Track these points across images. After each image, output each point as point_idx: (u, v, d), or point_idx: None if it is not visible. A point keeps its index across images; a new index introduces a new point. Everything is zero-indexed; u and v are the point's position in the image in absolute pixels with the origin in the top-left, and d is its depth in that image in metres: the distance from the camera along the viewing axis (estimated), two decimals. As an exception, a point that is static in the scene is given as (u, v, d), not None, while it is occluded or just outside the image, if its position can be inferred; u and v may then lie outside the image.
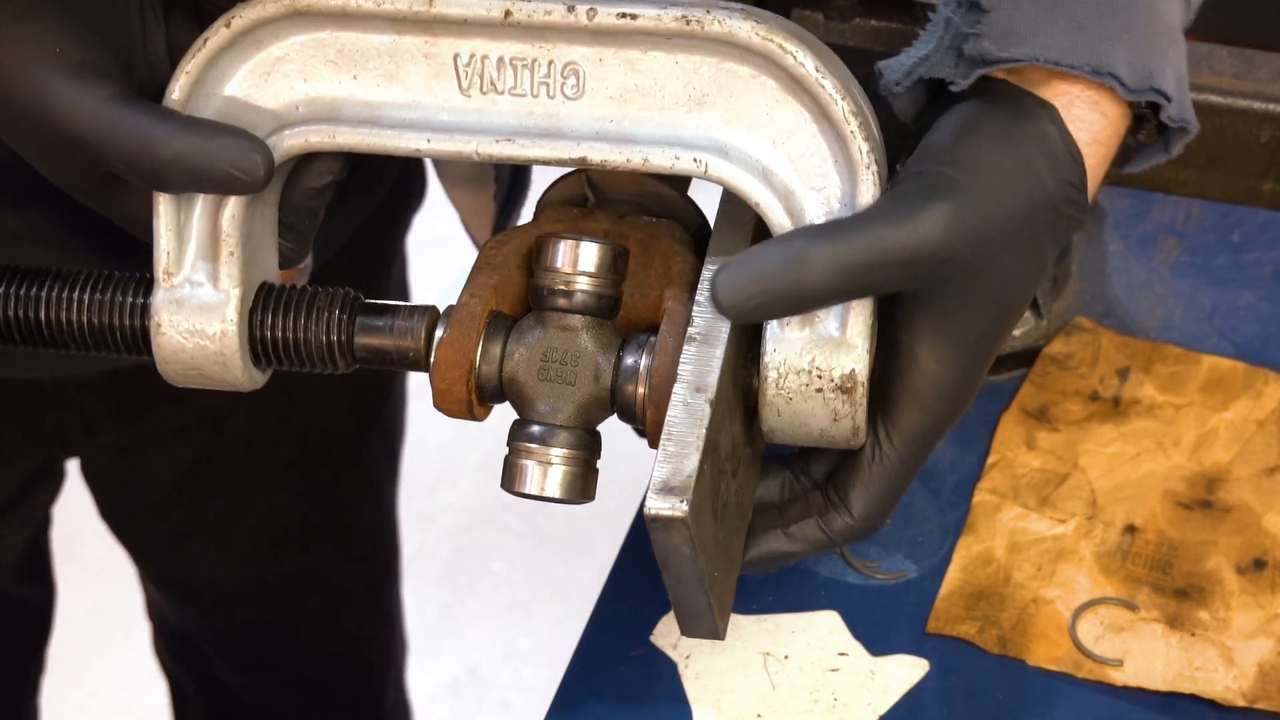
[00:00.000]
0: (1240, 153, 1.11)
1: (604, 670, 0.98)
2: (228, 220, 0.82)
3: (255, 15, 0.80)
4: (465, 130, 0.80)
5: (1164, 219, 1.27)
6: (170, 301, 0.83)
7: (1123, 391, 1.13)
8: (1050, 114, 0.80)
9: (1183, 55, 0.83)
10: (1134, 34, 0.80)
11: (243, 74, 0.81)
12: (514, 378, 0.82)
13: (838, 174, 0.78)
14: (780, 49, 0.76)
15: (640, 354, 0.81)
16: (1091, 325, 1.17)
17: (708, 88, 0.78)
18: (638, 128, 0.79)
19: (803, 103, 0.78)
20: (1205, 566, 1.03)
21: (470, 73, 0.80)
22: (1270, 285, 1.21)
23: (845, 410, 0.79)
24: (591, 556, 2.56)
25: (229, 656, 1.55)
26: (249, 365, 0.85)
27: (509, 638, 2.52)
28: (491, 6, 0.78)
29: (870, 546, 1.05)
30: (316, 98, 0.81)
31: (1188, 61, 1.12)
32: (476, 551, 2.63)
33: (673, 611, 0.80)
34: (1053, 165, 0.79)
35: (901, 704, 0.96)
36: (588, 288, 0.82)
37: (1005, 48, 0.79)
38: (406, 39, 0.80)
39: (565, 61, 0.79)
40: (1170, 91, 0.81)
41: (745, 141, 0.78)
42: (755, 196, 0.78)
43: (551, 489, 0.82)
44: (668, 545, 0.75)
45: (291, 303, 0.85)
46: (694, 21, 0.76)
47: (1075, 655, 0.99)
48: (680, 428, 0.76)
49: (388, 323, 0.84)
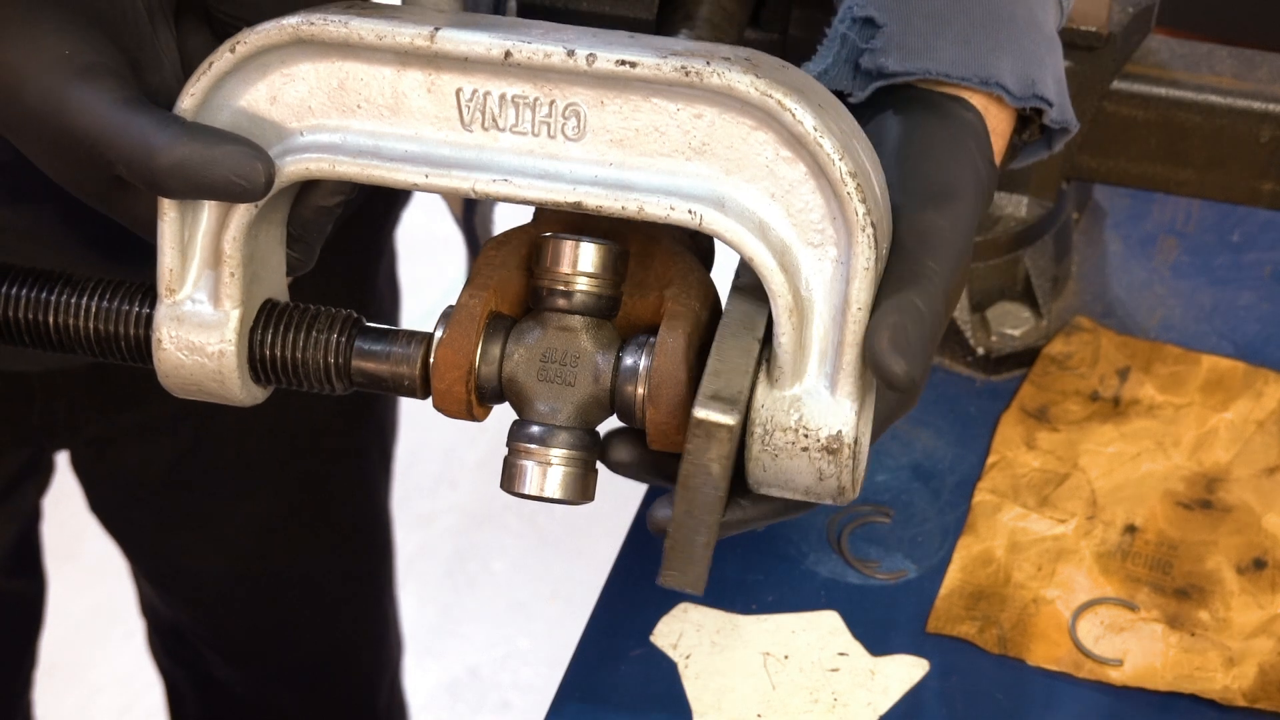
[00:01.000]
0: (1240, 153, 1.11)
1: (604, 670, 0.98)
2: (229, 242, 0.82)
3: (260, 41, 0.80)
4: (464, 166, 0.80)
5: (1164, 219, 1.27)
6: (171, 317, 0.83)
7: (1123, 391, 1.13)
8: (963, 104, 0.85)
9: (1059, 59, 0.88)
10: (1016, 45, 0.85)
11: (247, 98, 0.81)
12: (513, 378, 0.82)
13: (835, 231, 0.78)
14: (779, 105, 0.76)
15: (640, 354, 0.81)
16: (1091, 325, 1.17)
17: (707, 137, 0.78)
18: (636, 174, 0.79)
19: (801, 158, 0.77)
20: (1205, 566, 1.03)
21: (472, 108, 0.79)
22: (1270, 285, 1.21)
23: (830, 470, 0.79)
24: (591, 556, 2.56)
25: (221, 651, 1.55)
26: (248, 382, 0.85)
27: (509, 638, 2.52)
28: (492, 46, 0.78)
29: (870, 546, 1.05)
30: (319, 125, 0.81)
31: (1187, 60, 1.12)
32: (476, 551, 2.63)
33: (664, 555, 0.78)
34: (981, 149, 0.84)
35: (901, 704, 0.96)
36: (587, 288, 0.82)
37: (900, 62, 0.84)
38: (410, 72, 0.79)
39: (567, 102, 0.79)
40: (1051, 96, 0.86)
41: (743, 193, 0.78)
42: (749, 251, 0.78)
43: (551, 489, 0.82)
44: (701, 459, 0.75)
45: (292, 323, 0.85)
46: (693, 73, 0.76)
47: (1075, 655, 0.99)
48: (732, 352, 0.77)
49: (385, 349, 0.85)
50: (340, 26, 0.78)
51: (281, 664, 1.57)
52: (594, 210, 0.78)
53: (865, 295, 0.77)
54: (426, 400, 0.85)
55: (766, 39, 1.07)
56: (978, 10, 0.85)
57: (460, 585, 2.59)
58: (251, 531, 1.44)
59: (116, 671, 2.46)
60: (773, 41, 1.07)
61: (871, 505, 1.06)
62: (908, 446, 1.10)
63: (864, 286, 0.77)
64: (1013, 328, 1.16)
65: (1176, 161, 1.12)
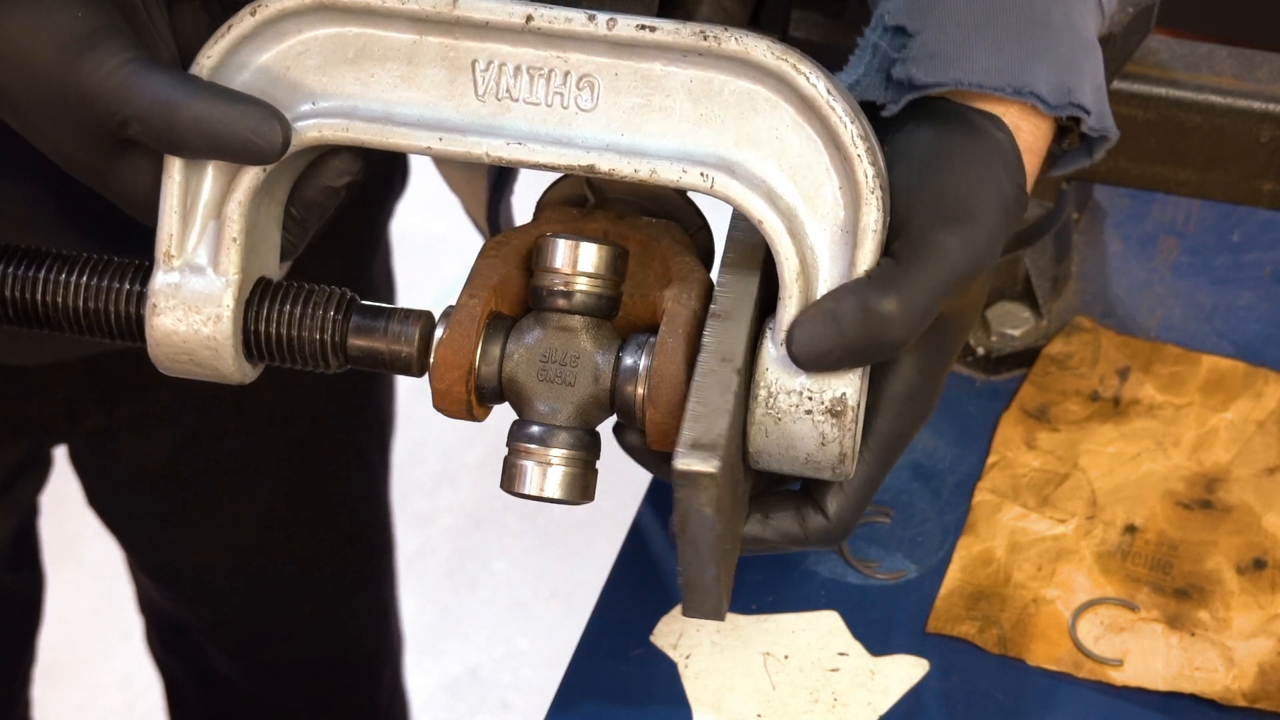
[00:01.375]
0: (1240, 153, 1.11)
1: (604, 670, 0.98)
2: (234, 207, 0.82)
3: (281, 5, 0.80)
4: (477, 132, 0.80)
5: (1164, 219, 1.27)
6: (169, 283, 0.83)
7: (1123, 391, 1.13)
8: (996, 122, 0.83)
9: (1099, 65, 0.86)
10: (1053, 52, 0.83)
11: (263, 62, 0.82)
12: (513, 378, 0.82)
13: (842, 198, 0.79)
14: (794, 69, 0.77)
15: (640, 354, 0.82)
16: (1091, 325, 1.17)
17: (720, 105, 0.79)
18: (648, 141, 0.80)
19: (812, 125, 0.78)
20: (1205, 566, 1.03)
21: (487, 79, 0.80)
22: (1270, 285, 1.21)
23: (833, 434, 0.80)
24: (591, 556, 2.56)
25: (221, 644, 1.56)
26: (240, 358, 0.85)
27: (509, 638, 2.52)
28: (514, 11, 0.78)
29: (870, 546, 1.05)
30: (334, 92, 0.82)
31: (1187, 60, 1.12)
32: (476, 551, 2.63)
33: (681, 591, 0.80)
34: (1008, 170, 0.82)
35: (901, 704, 0.96)
36: (587, 288, 0.82)
37: (931, 73, 0.82)
38: (428, 39, 0.80)
39: (581, 73, 0.80)
40: (1089, 105, 0.84)
41: (753, 161, 0.79)
42: (759, 215, 0.78)
43: (551, 489, 0.82)
44: (691, 505, 0.75)
45: (287, 298, 0.85)
46: (711, 37, 0.77)
47: (1075, 655, 0.99)
48: (709, 392, 0.77)
49: (382, 325, 0.85)
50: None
51: (282, 658, 1.57)
52: (607, 174, 0.79)
53: (871, 258, 0.78)
54: (423, 379, 0.85)
55: (766, 39, 1.07)
56: (1013, 16, 0.83)
57: (460, 585, 2.59)
58: (250, 525, 1.44)
59: (116, 671, 2.46)
60: (773, 41, 1.07)
61: (871, 505, 1.06)
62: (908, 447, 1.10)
63: (871, 249, 0.78)
64: (1013, 328, 1.16)
65: (1176, 161, 1.12)
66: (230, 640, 1.56)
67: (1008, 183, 0.82)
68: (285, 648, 1.57)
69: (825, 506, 0.84)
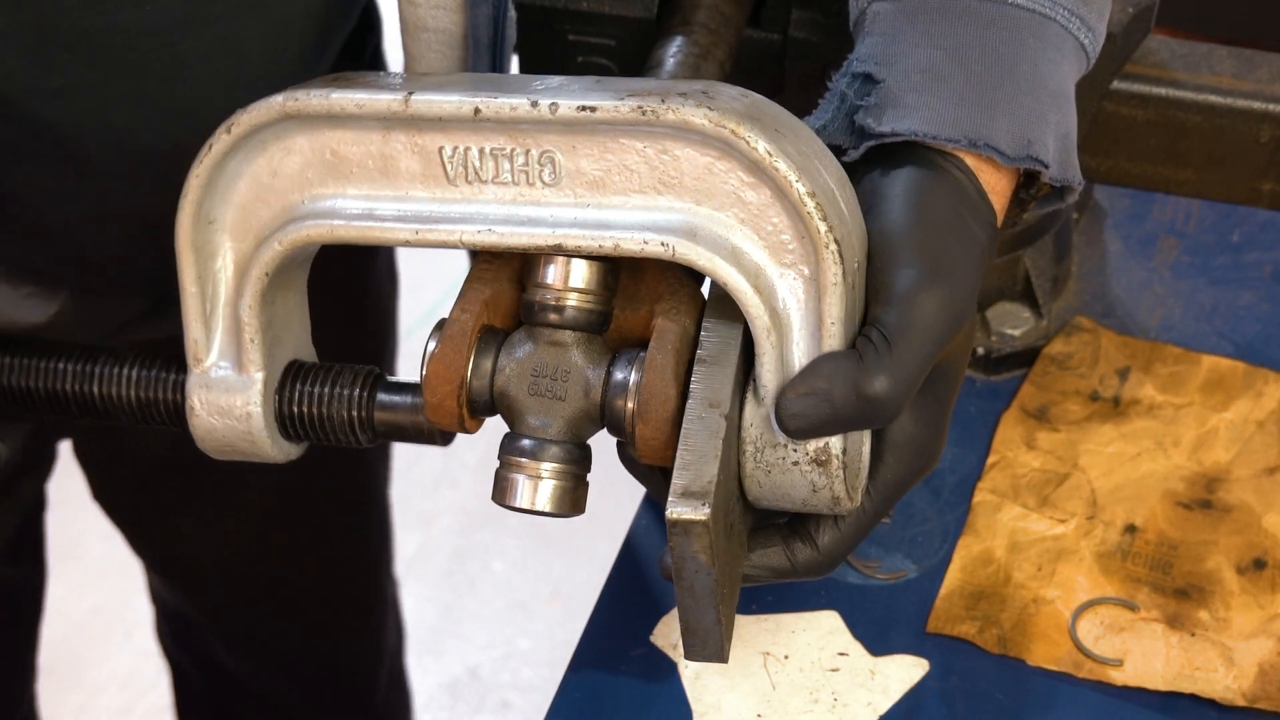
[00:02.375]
0: (1240, 153, 1.11)
1: (604, 670, 0.98)
2: (246, 310, 0.87)
3: (252, 120, 0.84)
4: (450, 220, 0.83)
5: (1164, 219, 1.27)
6: (201, 385, 0.88)
7: (1123, 391, 1.13)
8: (958, 164, 0.83)
9: (1070, 115, 0.86)
10: (1015, 104, 0.83)
11: (251, 174, 0.85)
12: (505, 392, 0.83)
13: (804, 249, 0.79)
14: (733, 134, 0.78)
15: (630, 369, 0.82)
16: (1091, 325, 1.17)
17: (675, 170, 0.80)
18: (612, 212, 0.81)
19: (764, 183, 0.79)
20: (1205, 566, 1.03)
21: (455, 164, 0.83)
22: (1270, 285, 1.21)
23: (823, 482, 0.81)
24: (591, 556, 2.56)
25: (223, 636, 1.56)
26: (278, 440, 0.90)
27: (509, 638, 2.52)
28: (462, 104, 0.81)
29: (870, 546, 1.05)
30: (318, 194, 0.85)
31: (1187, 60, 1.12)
32: (476, 551, 2.63)
33: (680, 635, 0.81)
34: (975, 215, 0.83)
35: (901, 704, 0.96)
36: (578, 304, 0.83)
37: (889, 121, 0.83)
38: (395, 135, 0.83)
39: (541, 150, 0.81)
40: (1048, 158, 0.84)
41: (715, 221, 0.80)
42: (723, 276, 0.80)
43: (542, 503, 0.83)
44: (686, 553, 0.76)
45: (315, 380, 0.89)
46: (649, 111, 0.79)
47: (1075, 655, 0.99)
48: (697, 439, 0.78)
49: (404, 400, 0.89)
50: (322, 99, 0.82)
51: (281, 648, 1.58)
52: (574, 251, 0.81)
53: (837, 309, 0.79)
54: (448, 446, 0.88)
55: (766, 39, 1.07)
56: (977, 66, 0.83)
57: (460, 585, 2.59)
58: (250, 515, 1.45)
59: (116, 671, 2.46)
60: (772, 41, 1.07)
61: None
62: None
63: (834, 301, 0.79)
64: (1013, 328, 1.16)
65: (1176, 161, 1.12)
66: (231, 632, 1.57)
67: (978, 228, 0.82)
68: (285, 640, 1.58)
69: (817, 539, 0.85)
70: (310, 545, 1.50)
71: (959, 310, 0.81)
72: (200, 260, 0.86)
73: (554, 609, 2.55)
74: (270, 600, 1.54)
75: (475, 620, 2.54)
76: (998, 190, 0.85)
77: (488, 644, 2.51)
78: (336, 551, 1.54)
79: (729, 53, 1.02)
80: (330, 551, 1.53)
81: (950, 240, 0.81)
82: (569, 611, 2.53)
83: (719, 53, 1.01)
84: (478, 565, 2.62)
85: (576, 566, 2.58)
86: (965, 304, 0.81)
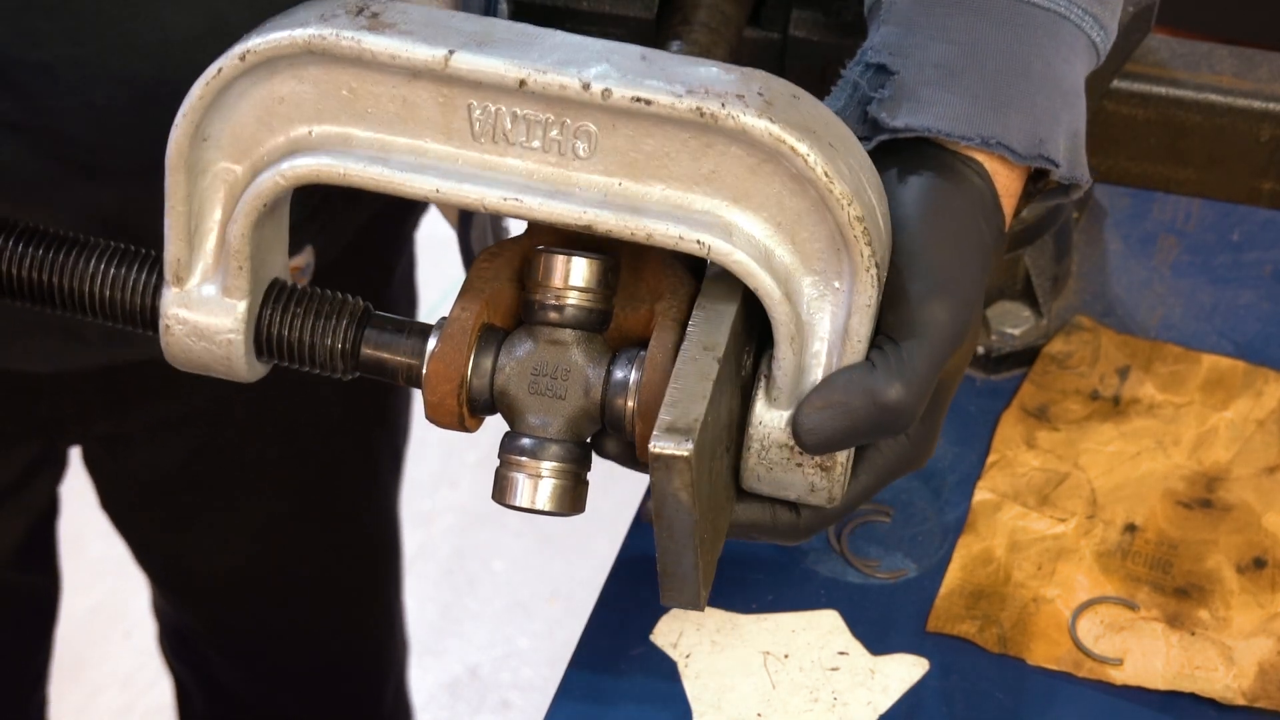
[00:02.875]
0: (1240, 152, 1.11)
1: (604, 670, 0.98)
2: (237, 238, 0.83)
3: (270, 51, 0.80)
4: (474, 181, 0.80)
5: (1164, 219, 1.27)
6: (179, 304, 0.84)
7: (1123, 391, 1.13)
8: (977, 168, 0.83)
9: (1081, 113, 0.87)
10: (1028, 102, 0.83)
11: (257, 96, 0.81)
12: (505, 391, 0.83)
13: (838, 261, 0.79)
14: (792, 151, 0.77)
15: (630, 368, 0.82)
16: (1091, 324, 1.17)
17: (716, 166, 0.78)
18: (644, 199, 0.79)
19: (809, 198, 0.78)
20: (1205, 566, 1.03)
21: (483, 122, 0.79)
22: (1270, 285, 1.21)
23: (823, 484, 0.82)
24: (591, 556, 2.56)
25: (223, 651, 1.55)
26: (253, 360, 0.86)
27: (509, 638, 2.51)
28: (507, 72, 0.78)
29: (870, 546, 1.05)
30: (328, 130, 0.81)
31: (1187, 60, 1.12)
32: (476, 551, 2.63)
33: (659, 578, 0.80)
34: (988, 219, 0.83)
35: (901, 703, 0.96)
36: (578, 302, 0.82)
37: (903, 116, 0.83)
38: (421, 83, 0.79)
39: (578, 124, 0.79)
40: (1059, 157, 0.84)
41: (750, 222, 0.79)
42: (755, 280, 0.78)
43: (542, 502, 0.83)
44: (666, 490, 0.75)
45: (302, 305, 0.86)
46: (708, 114, 0.76)
47: (1075, 655, 0.99)
48: (688, 379, 0.77)
49: (394, 338, 0.85)
50: (353, 43, 0.78)
51: (285, 665, 1.57)
52: (604, 233, 0.79)
53: (865, 329, 0.79)
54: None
55: (766, 38, 1.07)
56: (992, 64, 0.83)
57: (460, 585, 2.58)
58: (258, 531, 1.44)
59: (116, 671, 2.46)
60: (772, 41, 1.07)
61: (871, 505, 1.06)
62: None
63: (864, 321, 0.79)
64: (1013, 327, 1.16)
65: (1176, 161, 1.12)
66: (233, 647, 1.55)
67: (989, 233, 0.83)
68: (288, 655, 1.56)
69: (800, 509, 0.85)
70: (318, 562, 1.49)
71: (968, 317, 0.81)
72: (190, 178, 0.82)
73: (554, 609, 2.55)
74: (274, 616, 1.52)
75: (475, 620, 2.54)
76: (1010, 191, 0.85)
77: (488, 643, 2.51)
78: (344, 568, 1.52)
79: (729, 52, 1.02)
80: (337, 568, 1.52)
81: (963, 248, 0.82)
82: (569, 611, 2.53)
83: (719, 52, 1.01)
84: (477, 565, 2.61)
85: (576, 566, 2.58)
86: (973, 310, 0.82)
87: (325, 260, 1.16)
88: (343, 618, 1.55)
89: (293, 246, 1.16)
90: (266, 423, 1.36)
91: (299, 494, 1.43)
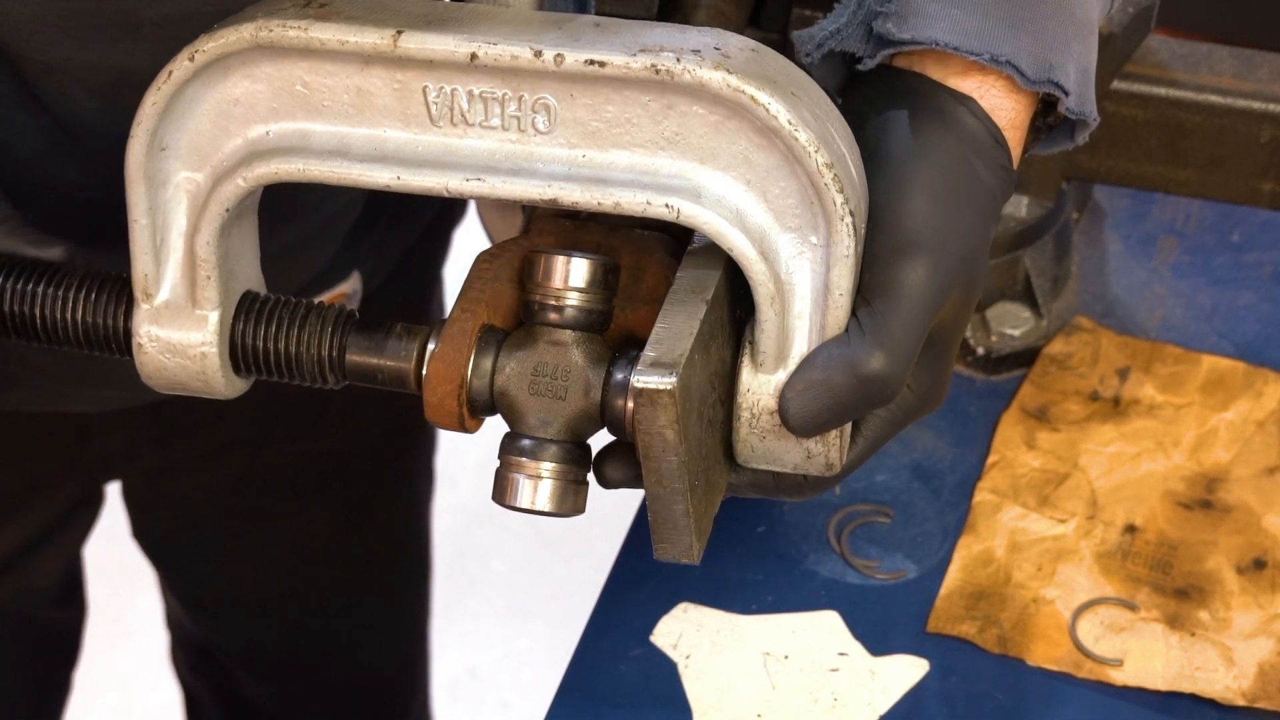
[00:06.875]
0: (1240, 153, 1.11)
1: (604, 670, 0.98)
2: (203, 247, 0.82)
3: (218, 49, 0.79)
4: (435, 166, 0.79)
5: (1164, 219, 1.27)
6: (149, 320, 0.83)
7: (1123, 391, 1.13)
8: (970, 106, 0.81)
9: (1092, 48, 0.84)
10: (1040, 25, 0.81)
11: (211, 103, 0.81)
12: (505, 391, 0.83)
13: (813, 215, 0.78)
14: (752, 101, 0.76)
15: (630, 369, 0.82)
16: (1091, 325, 1.17)
17: (679, 127, 0.77)
18: (609, 169, 0.78)
19: (775, 146, 0.77)
20: (1205, 566, 1.03)
21: (440, 105, 0.79)
22: (1270, 285, 1.21)
23: (818, 450, 0.80)
24: (591, 556, 2.56)
25: (251, 668, 1.53)
26: (230, 376, 0.85)
27: (509, 638, 2.51)
28: (457, 48, 0.77)
29: (870, 546, 1.05)
30: (285, 128, 0.81)
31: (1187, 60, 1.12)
32: (476, 551, 2.63)
33: (651, 531, 0.79)
34: (984, 158, 0.80)
35: (901, 704, 0.96)
36: (578, 303, 0.82)
37: (910, 29, 0.80)
38: (374, 70, 0.79)
39: (536, 97, 0.78)
40: (1069, 85, 0.82)
41: (718, 182, 0.78)
42: (729, 241, 0.77)
43: (542, 503, 0.82)
44: (653, 428, 0.75)
45: (280, 316, 0.84)
46: (663, 71, 0.75)
47: (1075, 655, 0.99)
48: (675, 319, 0.77)
49: (379, 342, 0.84)
50: (300, 34, 0.78)
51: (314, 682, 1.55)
52: (570, 206, 0.78)
53: (846, 281, 0.77)
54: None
55: (766, 38, 1.07)
56: None
57: (460, 585, 2.59)
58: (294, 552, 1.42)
59: (117, 673, 2.46)
60: (772, 41, 1.07)
61: (871, 505, 1.06)
62: (908, 446, 1.10)
63: (844, 273, 0.77)
64: (1013, 328, 1.16)
65: (1176, 161, 1.12)
66: (261, 664, 1.53)
67: (986, 173, 0.80)
68: (317, 672, 1.55)
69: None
70: (352, 581, 1.47)
71: (952, 269, 0.78)
72: (152, 190, 0.81)
73: (554, 609, 2.55)
74: (305, 634, 1.50)
75: (475, 620, 2.54)
76: (1016, 124, 0.82)
77: (488, 644, 2.51)
78: (378, 587, 1.51)
79: (729, 52, 1.01)
80: (372, 587, 1.50)
81: (949, 195, 0.79)
82: (569, 611, 2.53)
83: (719, 52, 1.00)
84: (478, 565, 2.62)
85: (576, 566, 2.58)
86: (964, 261, 0.79)
87: (370, 290, 1.15)
88: (371, 636, 1.54)
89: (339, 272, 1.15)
90: (304, 448, 1.34)
91: (337, 514, 1.42)
